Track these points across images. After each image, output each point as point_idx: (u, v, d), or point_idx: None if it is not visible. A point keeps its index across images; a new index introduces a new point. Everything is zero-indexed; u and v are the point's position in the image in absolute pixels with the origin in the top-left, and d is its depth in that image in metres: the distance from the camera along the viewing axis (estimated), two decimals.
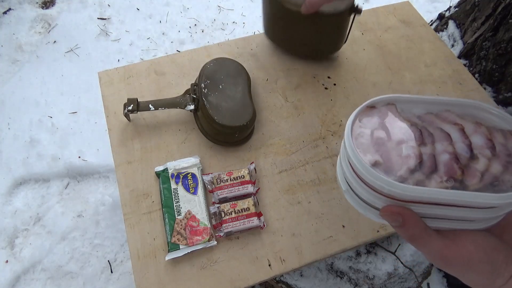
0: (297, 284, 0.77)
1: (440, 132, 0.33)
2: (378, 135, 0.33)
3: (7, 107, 1.43)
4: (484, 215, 0.30)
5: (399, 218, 0.29)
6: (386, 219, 0.31)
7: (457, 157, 0.31)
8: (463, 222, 0.31)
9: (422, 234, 0.30)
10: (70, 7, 1.75)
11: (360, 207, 0.34)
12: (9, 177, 1.26)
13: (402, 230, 0.30)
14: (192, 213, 0.61)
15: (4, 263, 1.12)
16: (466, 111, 0.35)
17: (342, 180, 0.36)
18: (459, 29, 1.28)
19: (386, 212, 0.30)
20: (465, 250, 0.29)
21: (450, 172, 0.30)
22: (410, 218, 0.29)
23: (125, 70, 0.79)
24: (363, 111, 0.35)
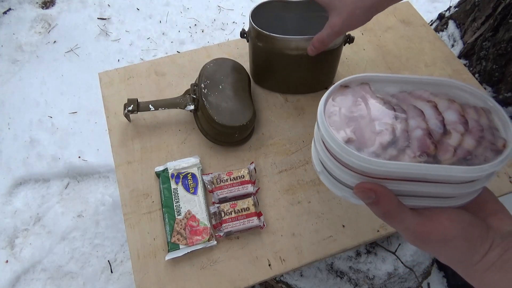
0: (297, 284, 0.77)
1: (413, 109, 0.33)
2: (351, 113, 0.33)
3: (7, 107, 1.43)
4: (458, 190, 0.30)
5: (372, 195, 0.29)
6: (359, 196, 0.31)
7: (430, 132, 0.31)
8: (437, 199, 0.31)
9: (396, 210, 0.29)
10: (70, 7, 1.75)
11: (336, 188, 0.34)
12: (9, 177, 1.26)
13: (376, 208, 0.30)
14: (192, 213, 0.61)
15: (4, 263, 1.12)
16: (439, 89, 0.35)
17: (317, 161, 0.36)
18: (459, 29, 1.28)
19: (359, 189, 0.30)
20: (441, 226, 0.29)
21: (423, 147, 0.30)
22: (384, 195, 0.29)
23: (125, 71, 0.79)
24: (337, 90, 0.35)
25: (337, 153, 0.30)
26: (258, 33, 0.65)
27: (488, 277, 0.29)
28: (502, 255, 0.29)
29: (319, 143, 0.33)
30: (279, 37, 0.63)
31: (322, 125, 0.31)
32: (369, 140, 0.31)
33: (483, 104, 0.34)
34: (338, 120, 0.32)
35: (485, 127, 0.31)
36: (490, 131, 0.31)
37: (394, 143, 0.30)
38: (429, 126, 0.31)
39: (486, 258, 0.29)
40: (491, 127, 0.32)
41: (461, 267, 0.31)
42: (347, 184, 0.32)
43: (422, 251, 0.84)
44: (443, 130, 0.31)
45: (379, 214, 0.30)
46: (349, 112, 0.33)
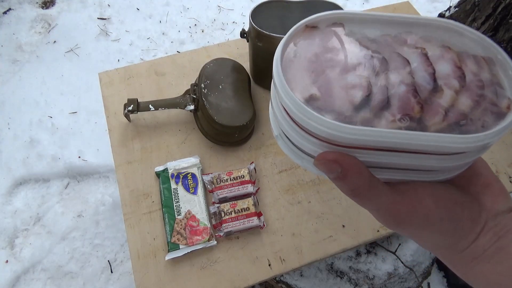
0: (297, 284, 0.77)
1: (397, 58, 0.26)
2: (317, 62, 0.26)
3: (7, 107, 1.43)
4: (446, 163, 0.24)
5: (337, 168, 0.23)
6: (321, 169, 0.24)
7: (416, 89, 0.24)
8: (419, 172, 0.25)
9: (367, 187, 0.23)
10: (70, 7, 1.75)
11: (296, 156, 0.28)
12: (9, 177, 1.26)
13: (342, 183, 0.23)
14: (192, 213, 0.61)
15: (4, 263, 1.12)
16: (433, 33, 0.28)
17: (274, 123, 0.29)
18: None
19: (321, 160, 0.23)
20: (422, 205, 0.24)
21: (405, 108, 0.23)
22: (351, 168, 0.23)
23: (126, 71, 0.79)
24: (301, 32, 0.27)
25: (295, 114, 0.23)
26: (258, 33, 0.65)
27: (477, 268, 0.25)
28: (495, 242, 0.24)
29: (275, 100, 0.27)
30: (279, 37, 0.63)
31: (277, 77, 0.24)
32: (338, 98, 0.24)
33: (486, 52, 0.26)
34: (299, 71, 0.25)
35: (486, 82, 0.25)
36: (492, 88, 0.25)
37: (369, 102, 0.24)
38: (416, 80, 0.25)
39: (475, 245, 0.24)
40: (494, 83, 0.25)
41: (444, 253, 0.26)
42: (309, 153, 0.26)
43: (422, 251, 0.84)
44: (433, 86, 0.25)
45: (346, 191, 0.24)
46: (315, 60, 0.26)
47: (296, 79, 0.25)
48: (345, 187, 0.24)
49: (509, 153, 0.72)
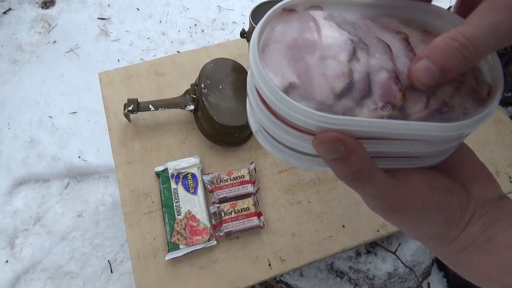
0: (297, 284, 0.77)
1: (378, 43, 0.25)
2: (296, 49, 0.25)
3: (7, 107, 1.43)
4: (429, 148, 0.24)
5: (340, 147, 0.21)
6: (322, 148, 0.22)
7: (398, 76, 0.23)
8: (405, 159, 0.25)
9: (368, 170, 0.22)
10: (70, 7, 1.75)
11: (276, 150, 0.26)
12: (9, 177, 1.26)
13: (343, 166, 0.22)
14: (192, 213, 0.61)
15: (4, 263, 1.12)
16: (413, 15, 0.27)
17: (252, 117, 0.28)
18: None
19: (324, 138, 0.22)
20: (418, 191, 0.23)
21: (387, 95, 0.23)
22: (355, 148, 0.22)
23: (126, 71, 0.79)
24: (278, 16, 0.26)
25: (275, 104, 0.22)
26: None
27: (466, 258, 0.24)
28: (484, 232, 0.24)
29: (253, 94, 0.25)
30: None
31: (254, 65, 0.23)
32: (318, 86, 0.23)
33: None
34: (277, 57, 0.24)
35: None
36: (472, 74, 0.24)
37: (351, 90, 0.23)
38: (397, 66, 0.24)
39: (464, 235, 0.24)
40: (474, 68, 0.25)
41: (435, 244, 0.26)
42: (290, 146, 0.25)
43: (422, 251, 0.84)
44: None
45: (345, 174, 0.22)
46: (293, 46, 0.25)
47: (274, 66, 0.24)
48: (346, 169, 0.22)
49: (509, 153, 0.72)
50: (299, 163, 0.26)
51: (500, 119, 0.76)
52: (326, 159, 0.22)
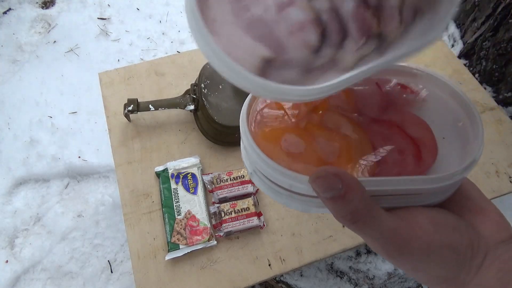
0: (297, 284, 0.77)
1: None
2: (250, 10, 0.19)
3: (7, 107, 1.43)
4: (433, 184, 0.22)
5: (337, 184, 0.20)
6: (318, 184, 0.21)
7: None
8: (408, 197, 0.23)
9: (368, 210, 0.20)
10: (70, 7, 1.75)
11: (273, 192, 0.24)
12: (9, 177, 1.26)
13: (340, 204, 0.20)
14: (192, 213, 0.61)
15: (4, 263, 1.12)
16: None
17: (246, 160, 0.26)
18: (459, 29, 1.29)
19: (320, 174, 0.20)
20: (423, 231, 0.21)
21: (364, 28, 0.19)
22: (353, 185, 0.20)
23: (126, 71, 0.79)
24: None
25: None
26: None
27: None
28: (500, 279, 0.21)
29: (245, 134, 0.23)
30: None
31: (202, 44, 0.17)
32: (292, 48, 0.19)
33: None
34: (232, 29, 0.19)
35: None
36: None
37: (327, 38, 0.19)
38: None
39: (478, 279, 0.22)
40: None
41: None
42: (286, 188, 0.23)
43: None
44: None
45: (344, 215, 0.21)
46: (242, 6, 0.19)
47: (232, 40, 0.18)
48: (344, 209, 0.21)
49: (509, 153, 0.72)
50: (297, 205, 0.24)
51: (500, 119, 0.76)
52: (322, 197, 0.21)
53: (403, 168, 0.25)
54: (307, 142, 0.25)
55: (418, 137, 0.26)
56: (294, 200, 0.24)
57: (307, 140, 0.25)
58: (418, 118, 0.27)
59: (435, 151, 0.26)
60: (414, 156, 0.25)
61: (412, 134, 0.26)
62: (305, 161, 0.23)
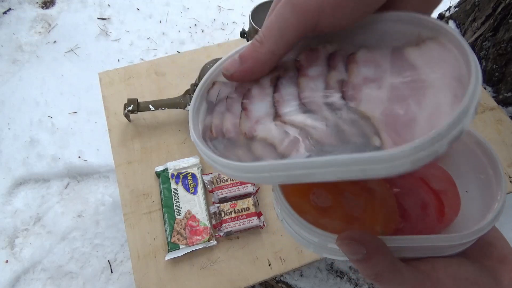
0: (297, 284, 0.77)
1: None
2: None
3: (7, 107, 1.43)
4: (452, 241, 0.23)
5: (362, 250, 0.21)
6: (343, 250, 0.22)
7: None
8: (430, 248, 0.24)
9: (390, 270, 0.22)
10: (70, 7, 1.75)
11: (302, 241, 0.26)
12: (9, 177, 1.26)
13: (365, 266, 0.22)
14: (192, 213, 0.61)
15: (4, 263, 1.12)
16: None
17: (276, 206, 0.28)
18: (459, 29, 1.29)
19: (344, 240, 0.22)
20: (442, 286, 0.22)
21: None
22: (376, 249, 0.22)
23: (126, 71, 0.79)
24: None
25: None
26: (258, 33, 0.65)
27: None
28: None
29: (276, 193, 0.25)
30: None
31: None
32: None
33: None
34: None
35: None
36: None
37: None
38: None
39: None
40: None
41: None
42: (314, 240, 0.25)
43: None
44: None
45: (368, 275, 0.22)
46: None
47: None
48: (369, 270, 0.22)
49: (509, 153, 0.72)
50: (323, 253, 0.26)
51: (500, 119, 0.76)
52: (348, 257, 0.23)
53: (426, 223, 0.26)
54: (334, 196, 0.26)
55: (442, 190, 0.27)
56: (321, 249, 0.25)
57: (334, 194, 0.26)
58: (443, 170, 0.28)
59: (458, 206, 0.26)
60: (437, 211, 0.26)
61: (436, 188, 0.27)
62: (332, 216, 0.24)
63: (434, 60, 0.20)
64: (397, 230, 0.26)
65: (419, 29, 0.20)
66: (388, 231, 0.26)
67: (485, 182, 0.26)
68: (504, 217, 0.91)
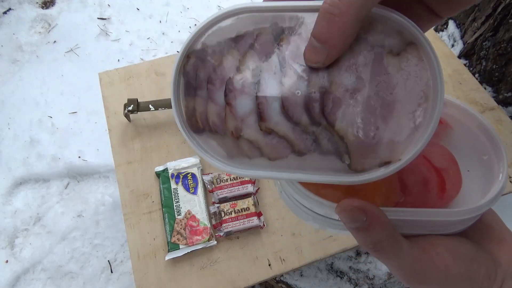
0: (297, 284, 0.77)
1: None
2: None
3: (7, 107, 1.43)
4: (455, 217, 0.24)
5: (362, 216, 0.21)
6: (343, 218, 0.22)
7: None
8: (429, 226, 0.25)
9: (390, 241, 0.22)
10: (70, 7, 1.75)
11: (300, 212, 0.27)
12: (9, 177, 1.26)
13: (364, 235, 0.22)
14: (192, 213, 0.61)
15: (4, 263, 1.12)
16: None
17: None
18: (459, 29, 1.29)
19: (345, 207, 0.22)
20: (442, 261, 0.22)
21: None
22: (377, 218, 0.22)
23: (126, 71, 0.79)
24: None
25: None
26: None
27: None
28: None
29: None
30: None
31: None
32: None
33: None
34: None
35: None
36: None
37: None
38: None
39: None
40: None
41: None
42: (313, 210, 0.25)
43: None
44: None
45: (367, 245, 0.22)
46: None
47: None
48: (368, 239, 0.22)
49: (509, 153, 0.72)
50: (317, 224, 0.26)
51: (500, 119, 0.76)
52: (348, 226, 0.23)
53: (427, 199, 0.26)
54: None
55: (443, 168, 0.27)
56: (316, 220, 0.26)
57: None
58: (444, 149, 0.28)
59: (459, 184, 0.27)
60: (438, 187, 0.26)
61: (438, 165, 0.27)
62: (333, 187, 0.25)
63: (407, 71, 0.21)
64: (398, 203, 0.26)
65: (402, 36, 0.21)
66: (389, 204, 0.26)
67: (487, 163, 0.27)
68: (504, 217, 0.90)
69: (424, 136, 0.20)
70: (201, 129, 0.23)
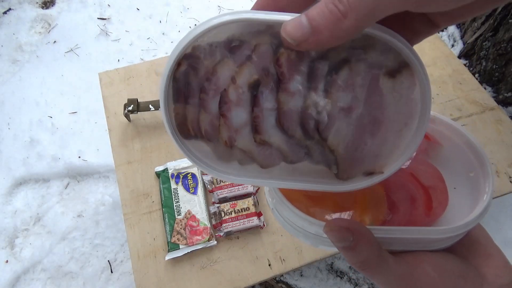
0: (297, 284, 0.77)
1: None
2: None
3: (7, 107, 1.43)
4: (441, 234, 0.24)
5: (349, 236, 0.22)
6: (331, 237, 0.23)
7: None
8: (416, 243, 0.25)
9: (377, 259, 0.22)
10: (70, 7, 1.75)
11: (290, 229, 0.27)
12: (9, 177, 1.26)
13: (351, 254, 0.22)
14: (192, 213, 0.61)
15: (4, 263, 1.12)
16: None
17: (268, 195, 0.29)
18: (459, 29, 1.29)
19: (332, 227, 0.22)
20: (429, 278, 0.23)
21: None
22: (363, 237, 0.22)
23: (126, 71, 0.79)
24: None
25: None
26: None
27: None
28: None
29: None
30: None
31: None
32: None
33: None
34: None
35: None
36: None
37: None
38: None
39: None
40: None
41: None
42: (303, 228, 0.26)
43: None
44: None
45: (355, 263, 0.23)
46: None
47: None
48: (355, 258, 0.23)
49: (509, 153, 0.72)
50: (309, 241, 0.27)
51: (500, 119, 0.76)
52: (335, 245, 0.23)
53: (414, 216, 0.27)
54: None
55: (431, 186, 0.28)
56: (307, 237, 0.26)
57: None
58: (432, 166, 0.29)
59: (445, 202, 0.27)
60: (425, 205, 0.27)
61: (425, 183, 0.28)
62: (322, 205, 0.26)
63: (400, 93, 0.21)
64: (385, 222, 0.27)
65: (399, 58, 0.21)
66: (377, 222, 0.27)
67: (474, 180, 0.27)
68: (504, 217, 0.91)
69: (407, 152, 0.21)
70: (192, 135, 0.23)
